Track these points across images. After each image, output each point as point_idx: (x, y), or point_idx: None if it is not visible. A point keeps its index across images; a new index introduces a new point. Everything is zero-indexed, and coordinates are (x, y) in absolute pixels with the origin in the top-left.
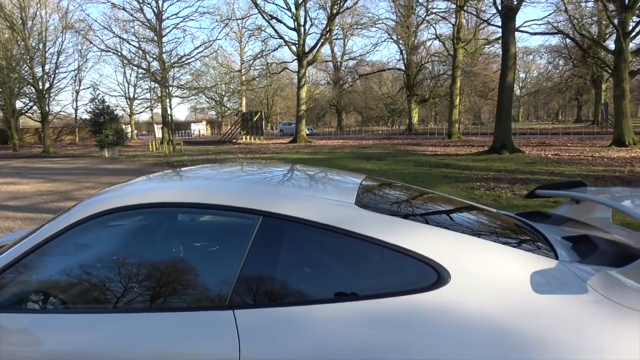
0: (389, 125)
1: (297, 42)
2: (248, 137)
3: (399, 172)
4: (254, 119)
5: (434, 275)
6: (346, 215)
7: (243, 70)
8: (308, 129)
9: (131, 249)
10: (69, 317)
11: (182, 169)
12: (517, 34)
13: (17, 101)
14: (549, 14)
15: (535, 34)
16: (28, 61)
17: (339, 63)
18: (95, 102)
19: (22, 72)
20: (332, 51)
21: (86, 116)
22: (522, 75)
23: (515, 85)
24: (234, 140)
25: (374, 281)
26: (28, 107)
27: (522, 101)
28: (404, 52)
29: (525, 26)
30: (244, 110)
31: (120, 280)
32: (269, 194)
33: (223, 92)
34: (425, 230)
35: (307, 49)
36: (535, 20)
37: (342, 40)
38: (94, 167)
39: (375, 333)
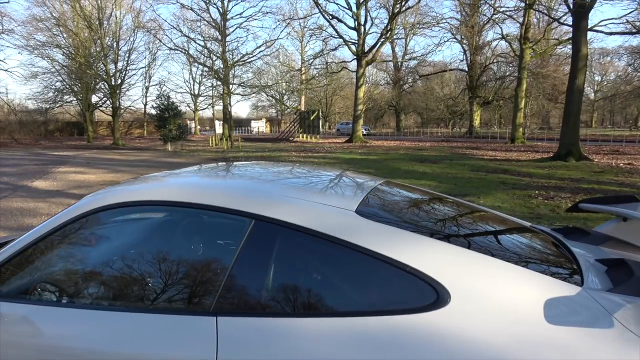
0: (450, 128)
1: (356, 42)
2: (304, 135)
3: (452, 176)
4: (311, 118)
5: (432, 295)
6: (342, 223)
7: (303, 69)
8: (365, 130)
9: (119, 248)
10: (54, 310)
11: (193, 167)
12: (591, 34)
13: (93, 96)
14: (629, 13)
15: (612, 33)
16: (103, 59)
17: (399, 63)
18: (161, 99)
19: (97, 69)
20: (393, 51)
21: (152, 111)
22: (597, 78)
23: (588, 88)
24: (290, 138)
25: (364, 297)
26: (102, 101)
27: (596, 106)
28: (467, 52)
29: (600, 25)
30: (303, 109)
31: (105, 278)
32: (265, 197)
33: (283, 91)
34: (427, 244)
35: (366, 49)
36: (612, 19)
37: (403, 40)
38: (156, 160)
39: (360, 354)
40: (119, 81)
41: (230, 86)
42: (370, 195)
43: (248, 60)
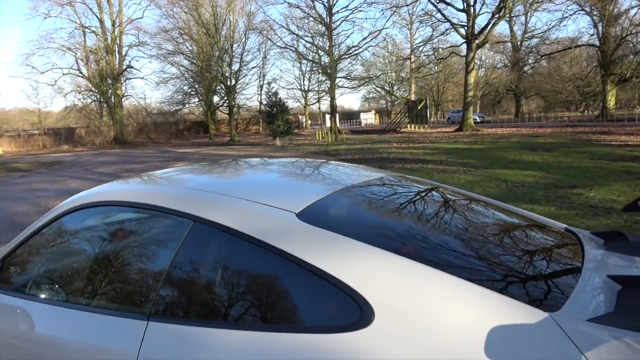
0: (581, 111)
1: (466, 24)
2: (412, 125)
3: (565, 165)
4: (419, 108)
5: (355, 313)
6: (276, 226)
7: (412, 57)
8: (478, 117)
9: (75, 248)
10: (21, 301)
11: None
12: None
13: (214, 97)
14: None
15: None
16: (219, 62)
17: (518, 43)
18: (269, 96)
19: (215, 71)
20: (511, 30)
21: (262, 108)
22: None
23: None
24: (397, 129)
25: (285, 310)
26: (223, 101)
27: None
28: (598, 24)
29: None
30: (413, 99)
31: (58, 275)
32: (208, 196)
33: (393, 81)
34: (365, 253)
35: (476, 31)
36: None
37: (522, 18)
38: (262, 154)
39: None
40: (233, 82)
41: (336, 80)
42: (332, 196)
43: (353, 53)
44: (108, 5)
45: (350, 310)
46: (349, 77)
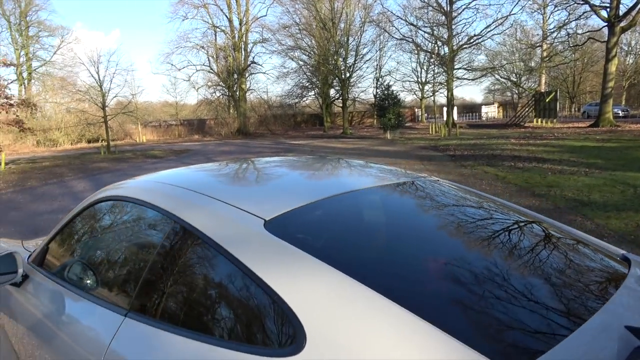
0: None
1: (608, 5)
2: (538, 120)
3: None
4: (546, 100)
5: (290, 338)
6: (238, 233)
7: (544, 45)
8: (621, 110)
9: (92, 236)
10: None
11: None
12: None
13: (331, 90)
14: None
15: None
16: (334, 55)
17: None
18: (381, 88)
19: (330, 65)
20: None
21: (374, 101)
22: None
23: None
24: (521, 124)
25: (225, 323)
26: (338, 94)
27: None
28: None
29: None
30: (542, 90)
31: (72, 261)
32: (188, 196)
33: (520, 71)
34: (317, 274)
35: (621, 12)
36: None
37: None
38: (369, 148)
39: None
40: (347, 75)
41: (455, 71)
42: (319, 202)
43: (475, 42)
44: (236, 5)
45: (287, 335)
46: (469, 68)
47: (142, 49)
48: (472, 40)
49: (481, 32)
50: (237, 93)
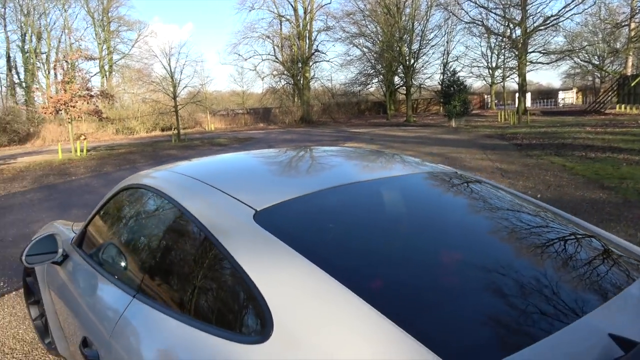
0: None
1: None
2: (622, 106)
3: None
4: (631, 84)
5: (261, 326)
6: (227, 221)
7: (632, 24)
8: None
9: (116, 221)
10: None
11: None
12: None
13: (395, 77)
14: None
15: None
16: (398, 41)
17: None
18: (446, 74)
19: (394, 52)
20: None
21: (439, 88)
22: None
23: None
24: (601, 110)
25: (209, 309)
26: (402, 82)
27: None
28: None
29: None
30: (628, 74)
31: (99, 244)
32: (194, 186)
33: (604, 53)
34: (294, 268)
35: None
36: None
37: None
38: (430, 136)
39: None
40: (412, 61)
41: (529, 55)
42: (316, 194)
43: (551, 24)
44: None
45: (258, 324)
46: (544, 52)
47: (211, 40)
48: (548, 22)
49: (559, 12)
50: (301, 81)
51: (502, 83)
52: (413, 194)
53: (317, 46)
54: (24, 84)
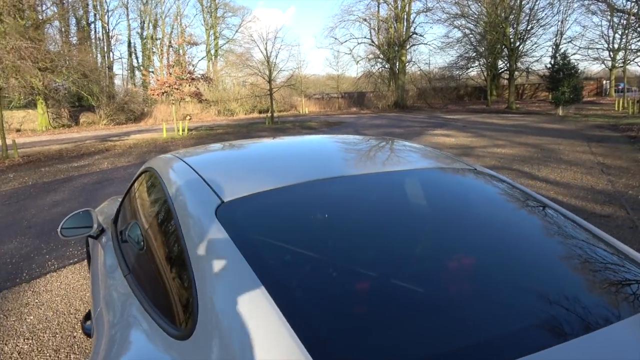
0: None
1: None
2: None
3: None
4: None
5: (190, 323)
6: (194, 211)
7: None
8: None
9: (132, 202)
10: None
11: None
12: None
13: (499, 61)
14: None
15: None
16: (503, 22)
17: None
18: (555, 58)
19: (498, 33)
20: None
21: (546, 72)
22: None
23: None
24: None
25: (158, 295)
26: (505, 65)
27: None
28: None
29: None
30: None
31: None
32: (187, 175)
33: None
34: (228, 264)
35: None
36: None
37: None
38: (531, 125)
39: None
40: (517, 43)
41: None
42: (289, 187)
43: None
44: None
45: (189, 320)
46: None
47: (310, 24)
48: None
49: None
50: (397, 65)
51: (622, 68)
52: (393, 194)
53: (414, 28)
54: (141, 68)
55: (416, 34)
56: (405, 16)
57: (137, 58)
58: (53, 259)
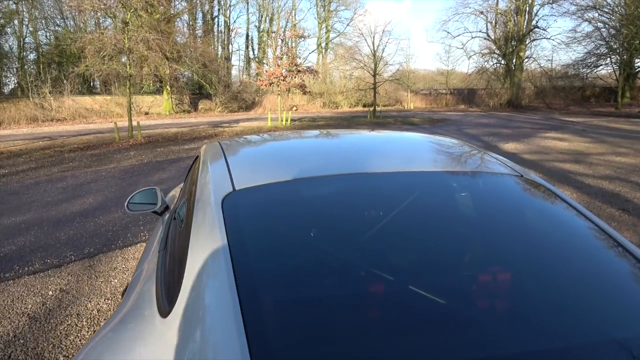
0: None
1: None
2: None
3: None
4: None
5: (172, 305)
6: (208, 195)
7: None
8: None
9: (186, 184)
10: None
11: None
12: None
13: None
14: None
15: None
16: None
17: None
18: None
19: (636, 26)
20: None
21: None
22: None
23: None
24: None
25: (166, 278)
26: None
27: None
28: None
29: None
30: None
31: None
32: (220, 156)
33: None
34: (213, 255)
35: None
36: None
37: None
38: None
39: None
40: None
41: None
42: (296, 181)
43: None
44: None
45: (172, 302)
46: None
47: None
48: None
49: None
50: (514, 61)
51: None
52: (406, 195)
53: (536, 22)
54: (256, 59)
55: (538, 27)
56: (527, 8)
57: (253, 50)
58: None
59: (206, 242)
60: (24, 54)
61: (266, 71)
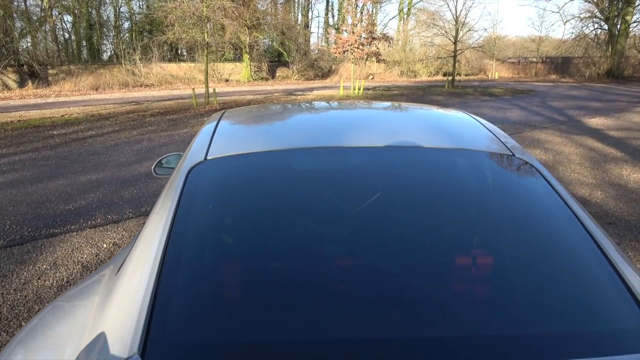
0: None
1: None
2: None
3: None
4: None
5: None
6: (187, 163)
7: None
8: None
9: None
10: None
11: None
12: None
13: None
14: None
15: None
16: None
17: None
18: None
19: None
20: None
21: None
22: None
23: None
24: None
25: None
26: None
27: None
28: None
29: None
30: None
31: None
32: (217, 124)
33: None
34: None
35: None
36: None
37: None
38: None
39: None
40: None
41: None
42: (274, 152)
43: None
44: None
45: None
46: None
47: None
48: None
49: None
50: (618, 26)
51: None
52: (381, 171)
53: None
54: (336, 26)
55: None
56: None
57: (333, 17)
58: None
59: (161, 209)
60: (119, 22)
61: (340, 39)
